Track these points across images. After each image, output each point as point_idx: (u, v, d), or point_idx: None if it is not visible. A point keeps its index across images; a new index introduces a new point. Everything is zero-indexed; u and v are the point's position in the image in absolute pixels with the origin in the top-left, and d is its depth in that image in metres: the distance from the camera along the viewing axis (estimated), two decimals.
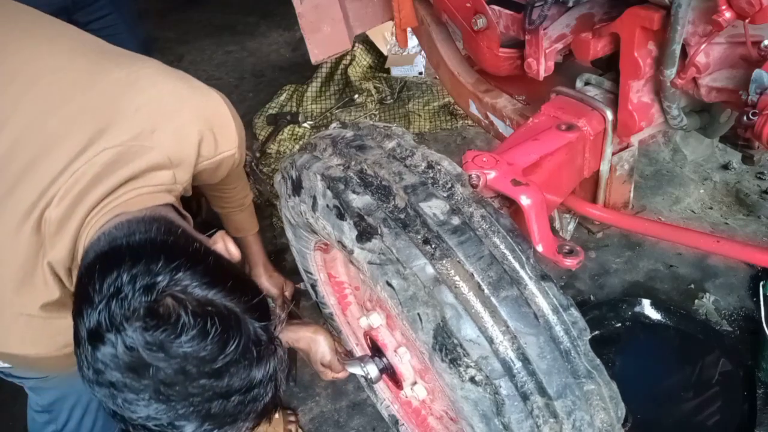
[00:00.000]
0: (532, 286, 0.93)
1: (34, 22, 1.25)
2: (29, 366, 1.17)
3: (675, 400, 1.69)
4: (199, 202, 1.88)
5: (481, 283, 0.91)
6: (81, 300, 0.86)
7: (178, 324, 0.80)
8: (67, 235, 0.99)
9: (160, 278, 0.83)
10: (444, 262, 0.93)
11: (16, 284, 1.02)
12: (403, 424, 1.54)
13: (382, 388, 1.57)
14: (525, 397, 0.91)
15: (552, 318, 0.92)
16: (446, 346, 0.91)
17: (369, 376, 1.35)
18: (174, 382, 0.81)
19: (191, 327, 0.81)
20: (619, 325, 1.86)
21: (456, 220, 0.96)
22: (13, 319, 1.05)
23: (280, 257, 2.31)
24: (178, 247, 0.91)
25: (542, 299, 0.93)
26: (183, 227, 0.99)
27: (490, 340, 0.90)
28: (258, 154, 2.71)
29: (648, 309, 1.88)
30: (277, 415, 1.75)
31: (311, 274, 1.51)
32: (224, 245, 1.01)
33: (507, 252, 0.94)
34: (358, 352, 1.59)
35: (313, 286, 1.56)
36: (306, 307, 2.11)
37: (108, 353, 0.81)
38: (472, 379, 0.91)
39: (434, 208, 0.97)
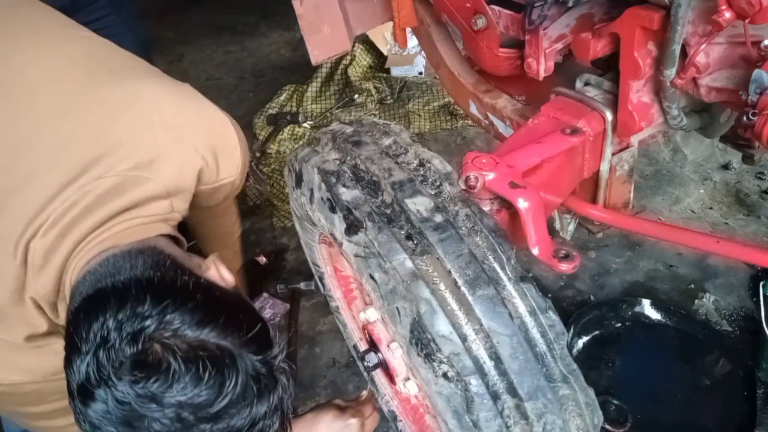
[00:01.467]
0: (510, 286, 0.94)
1: (38, 17, 1.18)
2: (14, 393, 1.09)
3: (675, 400, 1.69)
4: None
5: (458, 280, 0.92)
6: (70, 348, 0.83)
7: (168, 373, 0.77)
8: (52, 270, 0.94)
9: (147, 322, 0.79)
10: (424, 258, 0.94)
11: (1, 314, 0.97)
12: (401, 421, 1.55)
13: (384, 384, 1.58)
14: (495, 396, 0.91)
15: (528, 320, 0.93)
16: (421, 340, 0.92)
17: (364, 370, 1.36)
18: (171, 430, 0.78)
19: (183, 374, 0.77)
20: (619, 325, 1.86)
21: (439, 218, 0.97)
22: None
23: (280, 257, 2.31)
24: (165, 285, 0.87)
25: (519, 300, 0.93)
26: (172, 257, 0.94)
27: (463, 338, 0.90)
28: (258, 154, 2.71)
29: (648, 309, 1.88)
30: None
31: (318, 266, 1.52)
32: (217, 271, 0.96)
33: (488, 252, 0.95)
34: (363, 347, 1.60)
35: (321, 279, 1.58)
36: (306, 307, 2.11)
37: (100, 409, 0.78)
38: (444, 375, 0.92)
39: (418, 204, 0.99)
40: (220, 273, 0.97)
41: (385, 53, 3.09)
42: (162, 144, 1.02)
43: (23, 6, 1.20)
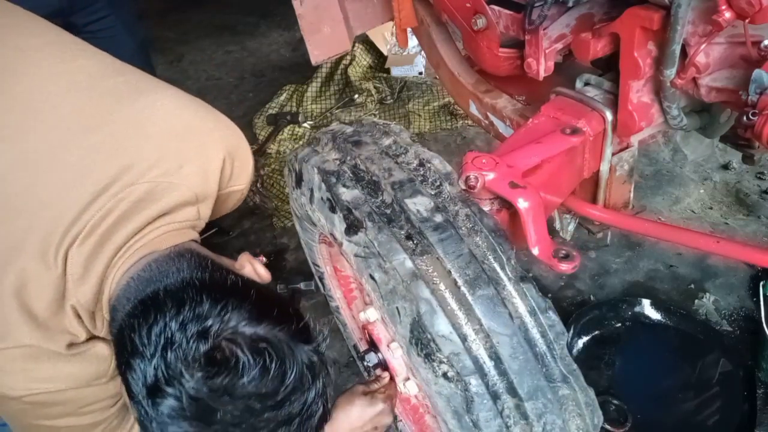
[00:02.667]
0: (510, 286, 0.94)
1: (49, 35, 1.19)
2: (54, 402, 1.06)
3: (675, 400, 1.69)
4: None
5: (458, 280, 0.92)
6: (129, 353, 0.84)
7: (238, 366, 0.81)
8: (93, 278, 0.95)
9: (210, 322, 0.83)
10: (424, 258, 0.94)
11: (41, 323, 0.96)
12: (401, 421, 1.55)
13: None
14: (495, 396, 0.91)
15: (528, 320, 0.93)
16: (421, 340, 0.92)
17: (364, 370, 1.36)
18: (241, 421, 0.82)
19: (252, 366, 0.81)
20: (619, 325, 1.86)
21: (439, 218, 0.97)
22: (41, 356, 0.98)
23: (280, 257, 2.31)
24: (216, 285, 0.91)
25: (519, 300, 0.93)
26: (210, 257, 0.98)
27: (463, 338, 0.91)
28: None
29: (648, 309, 1.88)
30: None
31: (318, 266, 1.53)
32: (253, 269, 1.00)
33: (488, 252, 0.95)
34: (363, 347, 1.60)
35: (321, 279, 1.58)
36: (306, 307, 2.11)
37: (172, 406, 0.80)
38: (444, 375, 0.92)
39: (418, 204, 0.99)
40: (256, 269, 1.00)
41: (385, 53, 3.10)
42: (187, 151, 1.05)
43: (30, 22, 1.21)
